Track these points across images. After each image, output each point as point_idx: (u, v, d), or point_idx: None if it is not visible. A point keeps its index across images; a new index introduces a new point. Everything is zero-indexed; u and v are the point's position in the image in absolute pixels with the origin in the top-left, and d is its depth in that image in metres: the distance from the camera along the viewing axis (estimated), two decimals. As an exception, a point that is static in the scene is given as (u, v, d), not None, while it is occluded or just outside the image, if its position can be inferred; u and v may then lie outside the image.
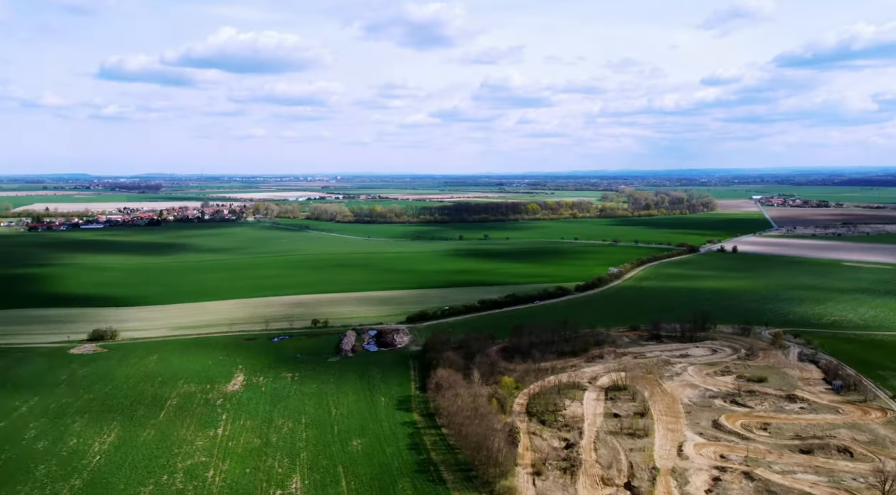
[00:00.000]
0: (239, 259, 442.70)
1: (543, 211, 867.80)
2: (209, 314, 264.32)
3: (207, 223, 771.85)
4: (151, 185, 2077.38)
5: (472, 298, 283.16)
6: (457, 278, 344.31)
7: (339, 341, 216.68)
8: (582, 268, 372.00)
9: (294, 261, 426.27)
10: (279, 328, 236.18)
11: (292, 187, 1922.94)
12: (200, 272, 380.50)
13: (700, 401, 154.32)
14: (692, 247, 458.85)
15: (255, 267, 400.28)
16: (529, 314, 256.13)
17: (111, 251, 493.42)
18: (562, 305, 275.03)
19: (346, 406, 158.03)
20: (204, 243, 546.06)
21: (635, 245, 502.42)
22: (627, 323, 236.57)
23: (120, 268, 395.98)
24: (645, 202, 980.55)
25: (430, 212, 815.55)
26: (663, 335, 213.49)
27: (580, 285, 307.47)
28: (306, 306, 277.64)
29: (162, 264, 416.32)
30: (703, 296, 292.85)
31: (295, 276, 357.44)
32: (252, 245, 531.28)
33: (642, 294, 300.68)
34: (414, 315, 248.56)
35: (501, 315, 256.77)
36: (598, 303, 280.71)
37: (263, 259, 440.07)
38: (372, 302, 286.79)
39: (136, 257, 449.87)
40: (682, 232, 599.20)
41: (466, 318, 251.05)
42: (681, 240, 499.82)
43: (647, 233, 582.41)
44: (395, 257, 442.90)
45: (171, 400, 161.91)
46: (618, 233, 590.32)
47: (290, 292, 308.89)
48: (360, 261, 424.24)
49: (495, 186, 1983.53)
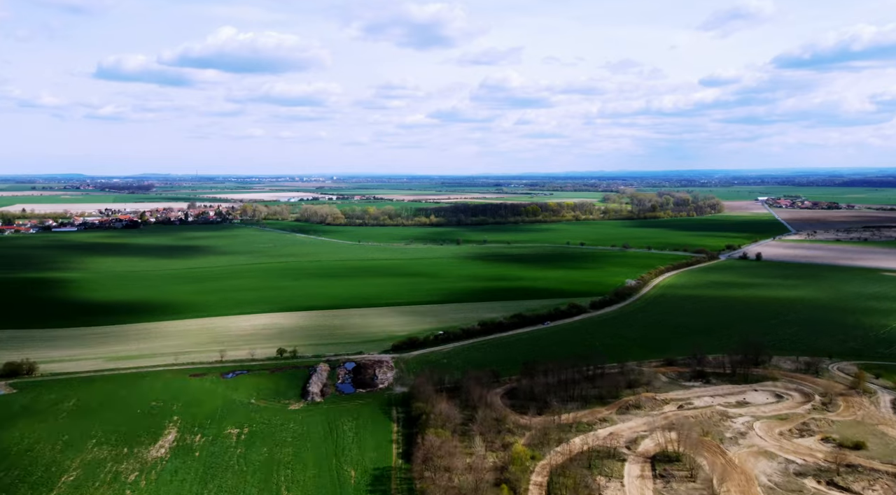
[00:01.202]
0: (210, 267, 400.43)
1: (544, 213, 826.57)
2: (161, 338, 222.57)
3: (190, 225, 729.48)
4: (143, 186, 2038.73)
5: (472, 317, 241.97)
6: (455, 289, 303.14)
7: (307, 378, 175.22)
8: (594, 277, 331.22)
9: (273, 269, 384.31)
10: (236, 359, 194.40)
11: (287, 188, 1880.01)
12: (159, 283, 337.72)
13: (784, 482, 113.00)
14: (711, 254, 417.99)
15: (226, 276, 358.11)
16: (540, 340, 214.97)
17: (87, 253, 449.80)
18: (577, 327, 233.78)
19: (302, 485, 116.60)
20: (179, 245, 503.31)
21: (647, 251, 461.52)
22: (660, 353, 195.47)
23: (81, 277, 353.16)
24: (650, 204, 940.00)
25: (425, 213, 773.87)
26: (709, 372, 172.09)
27: (596, 301, 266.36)
28: (267, 331, 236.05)
29: (121, 272, 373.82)
30: (741, 313, 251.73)
31: (265, 290, 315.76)
32: (231, 250, 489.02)
33: (669, 311, 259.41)
34: (401, 341, 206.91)
35: (507, 341, 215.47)
36: (620, 323, 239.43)
37: (238, 267, 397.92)
38: (349, 323, 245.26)
39: (103, 259, 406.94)
40: (695, 235, 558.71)
41: (464, 346, 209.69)
42: (695, 245, 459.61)
43: (657, 237, 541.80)
44: (385, 265, 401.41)
45: (67, 475, 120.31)
46: (626, 236, 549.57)
47: (254, 310, 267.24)
48: (346, 269, 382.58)
49: (493, 187, 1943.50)
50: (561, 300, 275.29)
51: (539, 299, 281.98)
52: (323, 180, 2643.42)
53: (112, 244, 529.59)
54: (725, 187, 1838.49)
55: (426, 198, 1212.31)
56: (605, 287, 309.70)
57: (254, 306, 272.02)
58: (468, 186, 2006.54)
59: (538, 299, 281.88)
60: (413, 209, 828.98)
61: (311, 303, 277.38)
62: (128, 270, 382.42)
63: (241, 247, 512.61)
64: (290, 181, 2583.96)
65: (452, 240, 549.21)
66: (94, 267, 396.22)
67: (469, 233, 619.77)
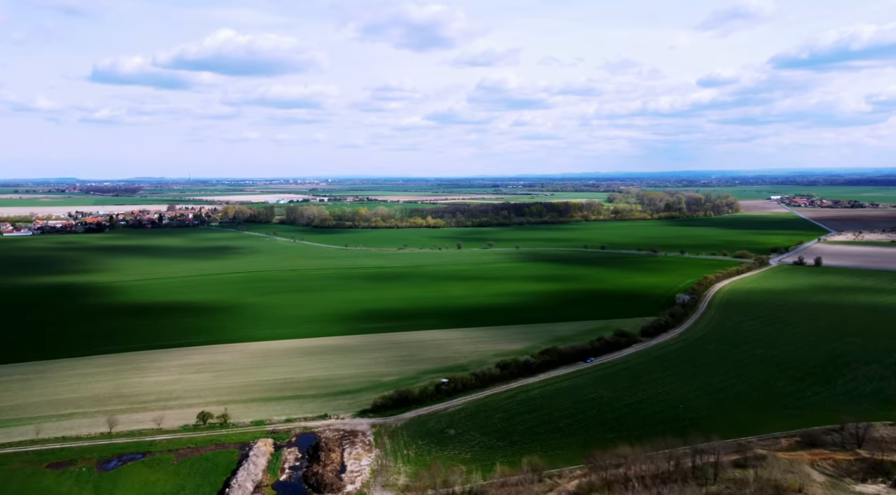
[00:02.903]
0: (140, 278, 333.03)
1: (550, 213, 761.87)
2: (33, 387, 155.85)
3: (162, 228, 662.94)
4: (130, 189, 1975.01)
5: (486, 350, 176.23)
6: (458, 306, 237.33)
7: (234, 469, 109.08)
8: (630, 289, 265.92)
9: (231, 281, 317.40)
10: (132, 430, 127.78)
11: (279, 190, 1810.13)
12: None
13: None
14: (759, 258, 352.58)
15: (152, 290, 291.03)
16: (585, 391, 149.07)
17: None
18: (633, 366, 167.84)
19: None
20: (125, 245, 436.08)
21: (681, 255, 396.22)
22: (780, 416, 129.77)
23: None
24: (662, 203, 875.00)
25: (421, 214, 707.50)
26: (885, 461, 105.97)
27: (647, 326, 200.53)
28: (196, 378, 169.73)
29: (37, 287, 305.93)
30: (860, 342, 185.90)
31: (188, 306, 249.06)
32: (191, 255, 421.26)
33: (752, 339, 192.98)
34: (385, 400, 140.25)
35: (539, 392, 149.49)
36: (691, 360, 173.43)
37: (174, 279, 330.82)
38: (316, 364, 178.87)
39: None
40: (726, 235, 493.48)
41: (479, 401, 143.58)
42: (733, 246, 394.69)
43: (684, 238, 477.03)
44: (374, 274, 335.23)
45: None
46: (650, 237, 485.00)
47: (183, 342, 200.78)
48: (322, 279, 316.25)
49: (490, 188, 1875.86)
50: (598, 323, 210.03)
51: (568, 322, 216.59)
52: (317, 183, 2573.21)
53: (47, 248, 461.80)
54: (729, 187, 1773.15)
55: (421, 199, 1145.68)
56: (648, 303, 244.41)
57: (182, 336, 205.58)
58: (465, 188, 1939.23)
59: (566, 322, 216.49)
60: (407, 210, 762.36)
61: (270, 331, 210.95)
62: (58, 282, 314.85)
63: (203, 252, 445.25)
64: (285, 183, 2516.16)
65: (451, 242, 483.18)
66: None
67: (470, 236, 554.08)
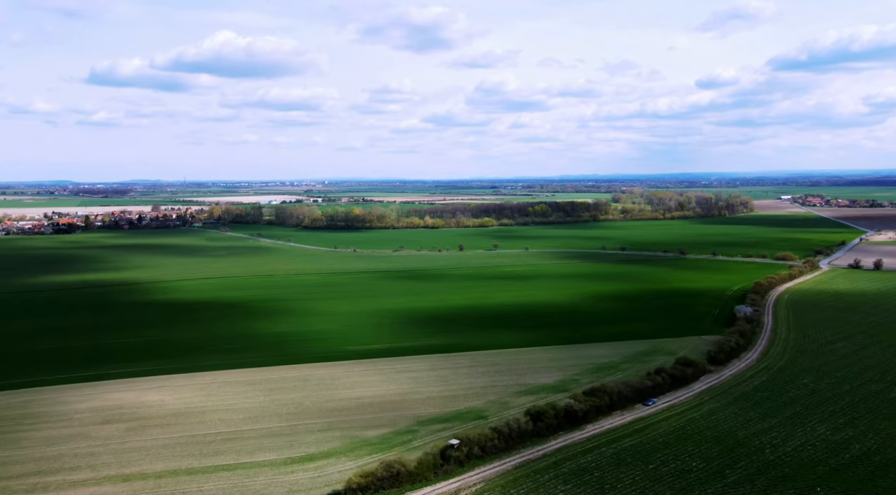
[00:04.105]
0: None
1: (556, 213, 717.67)
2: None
3: (140, 229, 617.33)
4: (120, 191, 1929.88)
5: (510, 386, 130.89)
6: (455, 316, 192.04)
7: None
8: (671, 296, 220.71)
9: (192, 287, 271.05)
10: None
11: (274, 191, 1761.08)
12: None
13: None
14: (810, 262, 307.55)
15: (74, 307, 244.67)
16: (656, 455, 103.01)
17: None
18: (709, 412, 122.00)
19: None
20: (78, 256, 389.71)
21: (713, 257, 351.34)
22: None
23: None
24: (673, 202, 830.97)
25: (418, 214, 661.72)
26: None
27: (714, 351, 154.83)
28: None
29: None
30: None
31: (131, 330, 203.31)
32: (146, 263, 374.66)
33: (849, 367, 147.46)
34: (366, 478, 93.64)
35: (588, 457, 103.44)
36: (788, 403, 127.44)
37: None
38: (277, 403, 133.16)
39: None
40: (751, 232, 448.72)
41: (504, 477, 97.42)
42: (770, 247, 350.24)
43: (706, 235, 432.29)
44: (352, 279, 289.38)
45: None
46: (671, 236, 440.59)
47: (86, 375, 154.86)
48: (304, 288, 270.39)
49: (489, 189, 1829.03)
50: (644, 344, 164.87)
51: (605, 343, 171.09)
52: (313, 185, 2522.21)
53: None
54: (732, 188, 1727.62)
55: (419, 200, 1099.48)
56: (697, 316, 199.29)
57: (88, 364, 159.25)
58: (463, 189, 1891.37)
59: (603, 343, 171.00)
60: (405, 210, 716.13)
61: (210, 361, 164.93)
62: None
63: (166, 259, 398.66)
64: (281, 186, 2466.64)
65: (452, 244, 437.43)
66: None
67: (472, 235, 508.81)
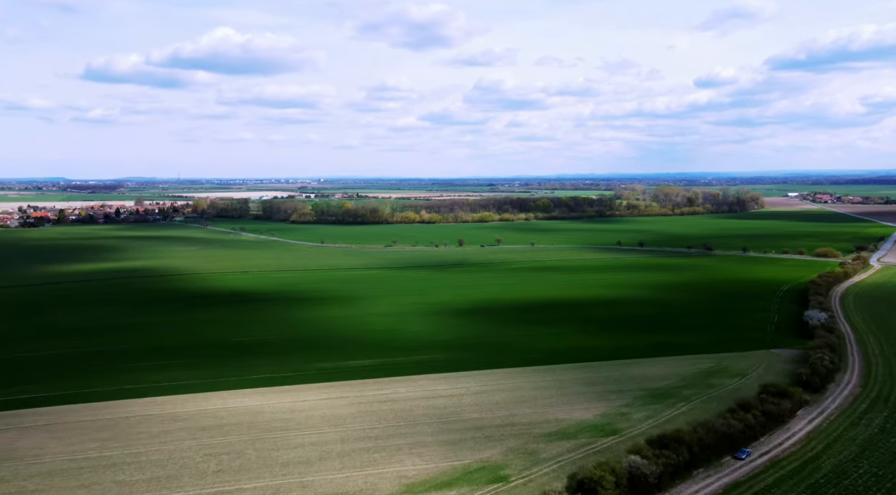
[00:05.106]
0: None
1: (558, 209, 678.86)
2: None
3: (117, 223, 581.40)
4: (110, 186, 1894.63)
5: (530, 419, 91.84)
6: (454, 323, 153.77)
7: None
8: (717, 298, 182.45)
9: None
10: None
11: (268, 188, 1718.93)
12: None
13: None
14: (861, 258, 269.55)
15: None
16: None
17: None
18: (840, 477, 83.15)
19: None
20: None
21: (743, 253, 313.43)
22: None
23: None
24: (681, 198, 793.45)
25: (414, 209, 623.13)
26: None
27: (807, 375, 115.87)
28: None
29: None
30: None
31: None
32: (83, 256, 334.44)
33: None
34: None
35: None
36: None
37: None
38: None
39: None
40: (774, 226, 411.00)
41: None
42: (797, 240, 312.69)
43: (726, 229, 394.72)
44: (332, 277, 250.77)
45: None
46: (689, 231, 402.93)
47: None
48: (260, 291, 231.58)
49: (486, 186, 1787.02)
50: (703, 361, 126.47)
51: (652, 359, 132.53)
52: (309, 182, 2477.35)
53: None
54: (733, 186, 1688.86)
55: (415, 196, 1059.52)
56: (753, 323, 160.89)
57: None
58: (460, 186, 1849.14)
59: (650, 359, 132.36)
60: (399, 205, 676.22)
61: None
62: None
63: (123, 252, 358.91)
64: (276, 183, 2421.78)
65: (451, 238, 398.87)
66: None
67: (471, 231, 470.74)
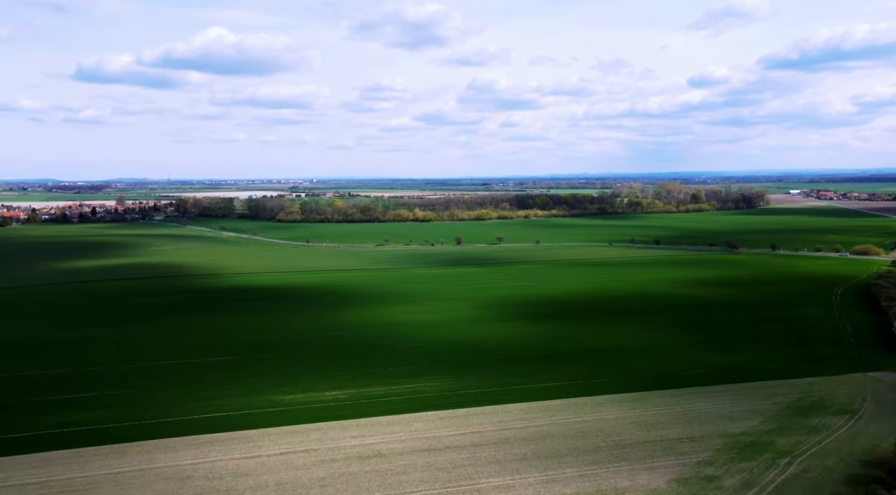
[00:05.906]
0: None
1: (559, 206, 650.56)
2: None
3: (92, 222, 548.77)
4: (96, 187, 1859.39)
5: (562, 488, 61.35)
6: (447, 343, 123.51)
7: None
8: (764, 304, 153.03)
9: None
10: None
11: (259, 188, 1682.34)
12: None
13: None
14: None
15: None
16: None
17: None
18: None
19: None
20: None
21: (772, 251, 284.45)
22: None
23: None
24: (684, 195, 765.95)
25: (407, 206, 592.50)
26: None
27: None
28: None
29: None
30: None
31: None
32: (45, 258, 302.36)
33: None
34: None
35: None
36: None
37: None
38: None
39: None
40: (792, 223, 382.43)
41: None
42: (822, 235, 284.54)
43: (741, 225, 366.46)
44: (309, 281, 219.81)
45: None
46: (704, 227, 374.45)
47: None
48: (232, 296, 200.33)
49: (480, 186, 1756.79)
50: (777, 389, 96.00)
51: (713, 387, 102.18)
52: (302, 182, 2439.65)
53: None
54: (732, 184, 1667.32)
55: (408, 195, 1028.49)
56: (823, 334, 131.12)
57: None
58: (454, 186, 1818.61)
59: (712, 387, 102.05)
60: (392, 203, 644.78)
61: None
62: None
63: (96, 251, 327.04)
64: (268, 183, 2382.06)
65: (448, 236, 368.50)
66: None
67: (469, 229, 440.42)
